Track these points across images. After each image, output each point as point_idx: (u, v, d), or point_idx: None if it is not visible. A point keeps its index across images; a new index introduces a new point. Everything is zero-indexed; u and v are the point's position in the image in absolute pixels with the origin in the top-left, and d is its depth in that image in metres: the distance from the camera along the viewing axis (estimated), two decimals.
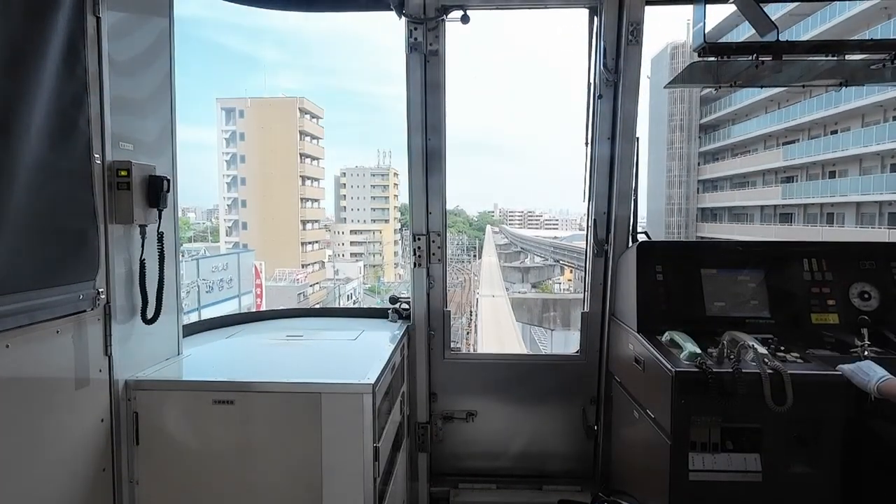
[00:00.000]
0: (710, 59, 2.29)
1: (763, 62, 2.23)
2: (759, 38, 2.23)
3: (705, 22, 2.27)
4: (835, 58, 2.27)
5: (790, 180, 30.09)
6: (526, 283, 38.62)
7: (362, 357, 2.25)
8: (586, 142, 2.76)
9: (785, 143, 30.26)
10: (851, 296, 2.28)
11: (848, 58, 2.28)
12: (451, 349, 2.94)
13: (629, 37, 2.51)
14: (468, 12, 2.58)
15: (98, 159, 1.65)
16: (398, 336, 2.54)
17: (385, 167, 70.16)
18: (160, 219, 1.90)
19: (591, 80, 2.68)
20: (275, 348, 2.46)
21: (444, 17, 2.60)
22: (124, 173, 1.74)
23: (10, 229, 1.33)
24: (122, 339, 1.79)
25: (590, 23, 2.65)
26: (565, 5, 2.71)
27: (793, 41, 2.26)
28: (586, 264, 2.91)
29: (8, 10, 1.34)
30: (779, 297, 2.32)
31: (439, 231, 2.80)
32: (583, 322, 2.89)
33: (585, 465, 2.94)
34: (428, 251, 2.79)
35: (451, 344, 2.93)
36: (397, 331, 2.66)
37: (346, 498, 1.80)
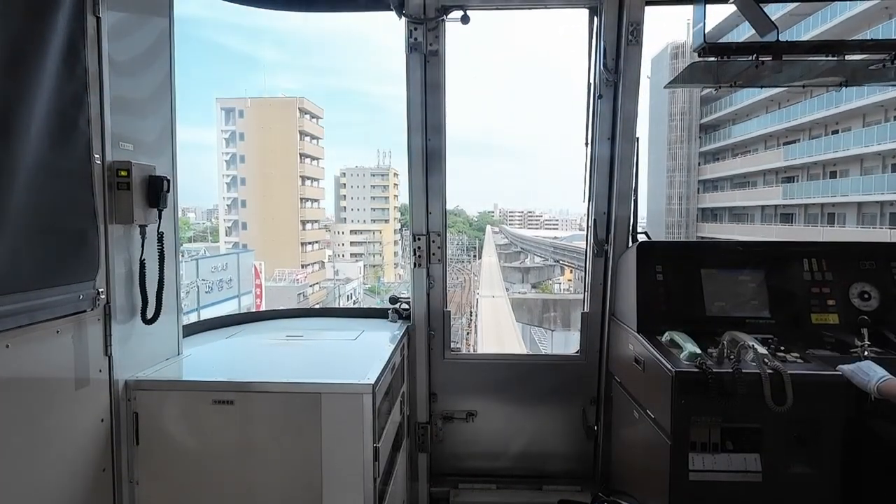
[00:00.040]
0: (710, 59, 2.29)
1: (763, 62, 2.23)
2: (759, 38, 2.23)
3: (705, 22, 2.27)
4: (835, 58, 2.27)
5: (791, 180, 30.05)
6: (526, 284, 38.61)
7: (362, 357, 2.25)
8: (586, 142, 2.76)
9: (786, 143, 30.23)
10: (851, 296, 2.28)
11: (848, 58, 2.27)
12: (451, 349, 2.94)
13: (629, 37, 2.51)
14: (468, 12, 2.58)
15: (98, 159, 1.65)
16: (398, 336, 2.54)
17: (385, 167, 70.15)
18: (160, 219, 1.90)
19: (591, 80, 2.68)
20: (275, 348, 2.46)
21: (444, 17, 2.60)
22: (124, 173, 1.74)
23: (10, 229, 1.33)
24: (122, 339, 1.79)
25: (590, 23, 2.65)
26: (565, 5, 2.71)
27: (793, 41, 2.26)
28: (586, 264, 2.91)
29: (8, 10, 1.34)
30: (779, 297, 2.32)
31: (439, 231, 2.80)
32: (583, 322, 2.89)
33: (585, 465, 2.94)
34: (428, 251, 2.79)
35: (451, 344, 2.93)
36: (397, 331, 2.66)
37: (345, 498, 1.80)
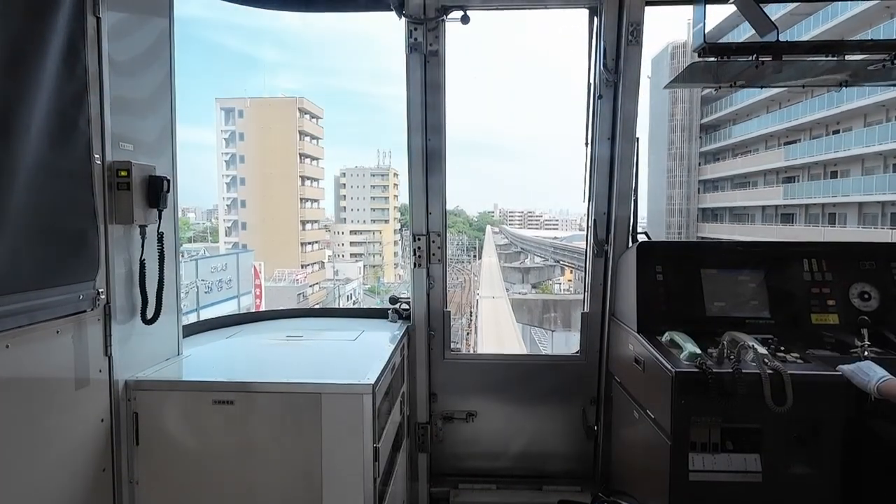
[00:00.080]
0: (710, 59, 2.29)
1: (763, 62, 2.23)
2: (758, 39, 2.23)
3: (705, 22, 2.27)
4: (835, 58, 2.27)
5: (792, 180, 30.03)
6: (526, 284, 38.61)
7: (362, 357, 2.25)
8: (586, 142, 2.76)
9: (786, 142, 30.21)
10: (851, 296, 2.28)
11: (848, 58, 2.27)
12: (451, 349, 2.94)
13: (629, 37, 2.51)
14: (468, 12, 2.58)
15: (98, 159, 1.65)
16: (398, 336, 2.54)
17: (385, 167, 70.14)
18: (160, 219, 1.90)
19: (591, 80, 2.68)
20: (275, 348, 2.46)
21: (444, 17, 2.60)
22: (124, 173, 1.74)
23: (10, 229, 1.34)
24: (122, 340, 1.79)
25: (590, 23, 2.65)
26: (565, 6, 2.71)
27: (793, 41, 2.26)
28: (586, 265, 2.91)
29: (8, 10, 1.34)
30: (779, 297, 2.32)
31: (439, 231, 2.80)
32: (583, 322, 2.89)
33: (585, 465, 2.94)
34: (428, 251, 2.79)
35: (451, 344, 2.94)
36: (397, 331, 2.66)
37: (345, 498, 1.79)
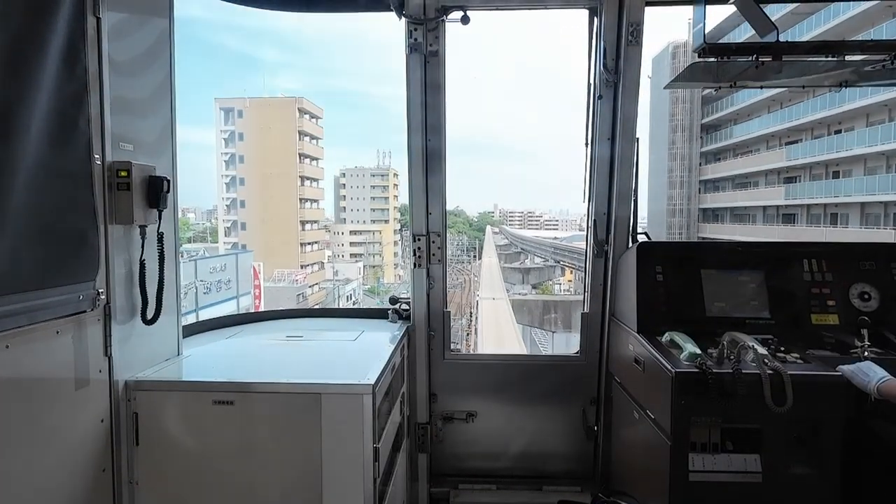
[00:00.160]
0: (711, 59, 2.29)
1: (763, 63, 2.23)
2: (759, 39, 2.23)
3: (705, 22, 2.27)
4: (835, 58, 2.27)
5: (793, 180, 29.98)
6: (526, 285, 38.59)
7: (362, 357, 2.25)
8: (586, 142, 2.76)
9: (788, 143, 30.15)
10: (851, 296, 2.28)
11: (848, 58, 2.27)
12: (451, 350, 2.94)
13: (629, 37, 2.52)
14: (468, 13, 2.59)
15: (98, 160, 1.65)
16: (398, 336, 2.54)
17: (385, 167, 70.09)
18: (160, 219, 1.90)
19: (591, 80, 2.69)
20: (275, 349, 2.46)
21: (444, 17, 2.60)
22: (124, 174, 1.74)
23: (10, 229, 1.34)
24: (122, 340, 1.79)
25: (590, 23, 2.65)
26: (565, 6, 2.71)
27: (793, 41, 2.26)
28: (586, 265, 2.91)
29: (8, 11, 1.34)
30: (779, 297, 2.31)
31: (439, 231, 2.80)
32: (583, 322, 2.89)
33: (585, 465, 2.94)
34: (428, 252, 2.79)
35: (451, 345, 2.94)
36: (397, 331, 2.66)
37: (345, 498, 1.79)
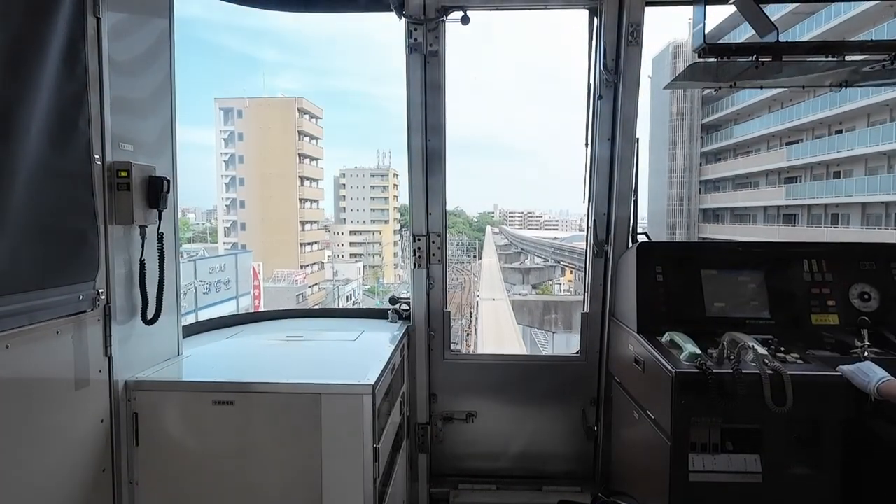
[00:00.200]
0: (711, 59, 2.29)
1: (763, 63, 2.23)
2: (759, 39, 2.23)
3: (705, 23, 2.27)
4: (835, 58, 2.27)
5: (794, 181, 29.93)
6: (526, 285, 38.57)
7: (362, 358, 2.25)
8: (586, 142, 2.76)
9: (788, 142, 30.10)
10: (851, 296, 2.28)
11: (848, 58, 2.27)
12: (451, 350, 2.94)
13: (629, 37, 2.52)
14: (468, 13, 2.59)
15: (98, 160, 1.65)
16: (398, 337, 2.54)
17: (385, 168, 70.03)
18: (160, 219, 1.90)
19: (591, 80, 2.69)
20: (275, 349, 2.46)
21: (444, 17, 2.60)
22: (124, 174, 1.74)
23: (10, 229, 1.34)
24: (122, 340, 1.79)
25: (590, 23, 2.65)
26: (565, 6, 2.71)
27: (793, 42, 2.26)
28: (586, 265, 2.91)
29: (8, 11, 1.34)
30: (779, 297, 2.31)
31: (439, 232, 2.80)
32: (583, 323, 2.89)
33: (585, 465, 2.94)
34: (428, 252, 2.79)
35: (451, 345, 2.94)
36: (397, 331, 2.66)
37: (345, 499, 1.79)
